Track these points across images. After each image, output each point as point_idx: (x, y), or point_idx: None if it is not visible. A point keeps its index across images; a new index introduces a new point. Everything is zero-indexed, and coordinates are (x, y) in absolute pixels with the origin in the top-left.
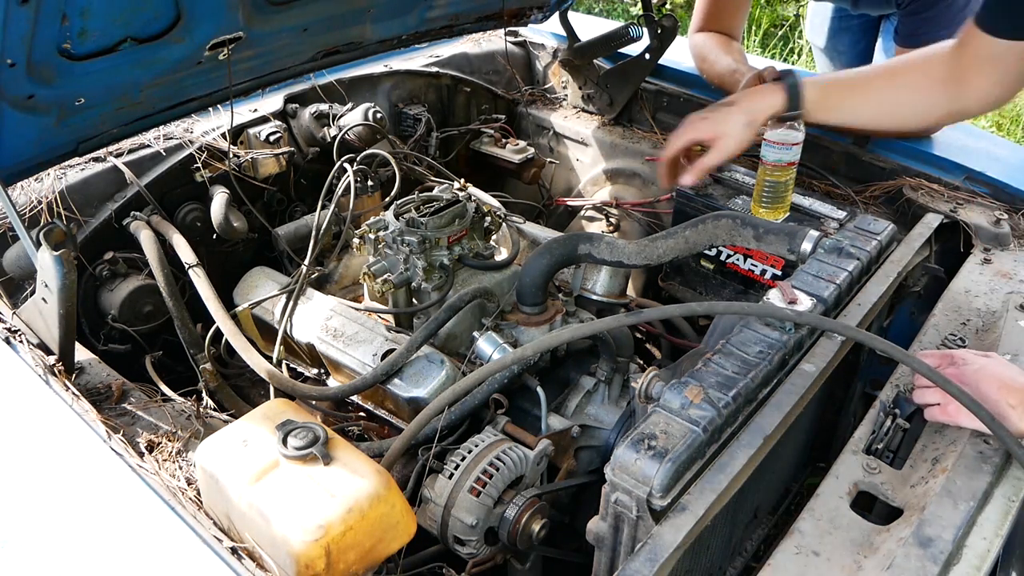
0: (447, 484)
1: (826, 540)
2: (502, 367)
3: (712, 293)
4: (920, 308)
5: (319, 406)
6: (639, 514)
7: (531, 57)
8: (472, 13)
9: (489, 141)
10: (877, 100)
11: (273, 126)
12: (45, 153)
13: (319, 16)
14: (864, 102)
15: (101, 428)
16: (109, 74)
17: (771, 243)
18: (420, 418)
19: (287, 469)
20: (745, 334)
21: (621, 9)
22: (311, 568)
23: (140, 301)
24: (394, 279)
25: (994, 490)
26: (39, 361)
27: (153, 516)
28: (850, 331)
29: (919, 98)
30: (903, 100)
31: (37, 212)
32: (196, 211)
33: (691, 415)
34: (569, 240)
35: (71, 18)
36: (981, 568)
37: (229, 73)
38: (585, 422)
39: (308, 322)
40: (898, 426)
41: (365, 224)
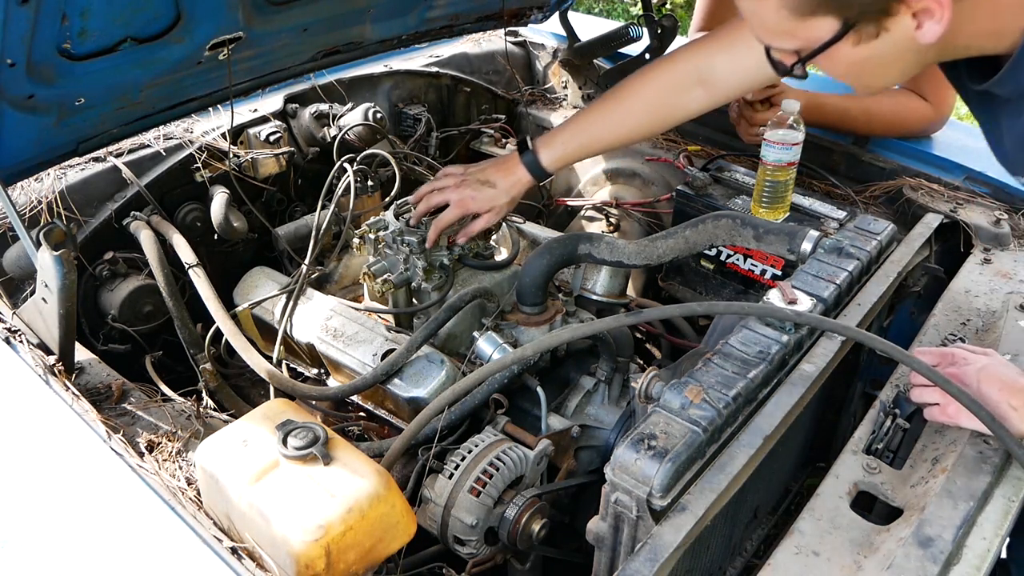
0: (447, 484)
1: (826, 540)
2: (502, 367)
3: (712, 293)
4: (920, 308)
5: (319, 406)
6: (639, 514)
7: (531, 57)
8: (472, 13)
9: (489, 141)
10: (619, 120)
11: (273, 126)
12: (45, 153)
13: (319, 16)
14: (606, 129)
15: (101, 428)
16: (109, 74)
17: (771, 243)
18: (420, 418)
19: (287, 469)
20: (745, 334)
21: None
22: (311, 568)
23: (140, 301)
24: (394, 279)
25: (994, 490)
26: (39, 361)
27: (153, 516)
28: (850, 331)
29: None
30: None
31: (37, 212)
32: (196, 211)
33: (691, 415)
34: (569, 240)
35: (71, 18)
36: (981, 568)
37: (229, 73)
38: (585, 422)
39: (308, 322)
40: (898, 426)
41: (365, 224)
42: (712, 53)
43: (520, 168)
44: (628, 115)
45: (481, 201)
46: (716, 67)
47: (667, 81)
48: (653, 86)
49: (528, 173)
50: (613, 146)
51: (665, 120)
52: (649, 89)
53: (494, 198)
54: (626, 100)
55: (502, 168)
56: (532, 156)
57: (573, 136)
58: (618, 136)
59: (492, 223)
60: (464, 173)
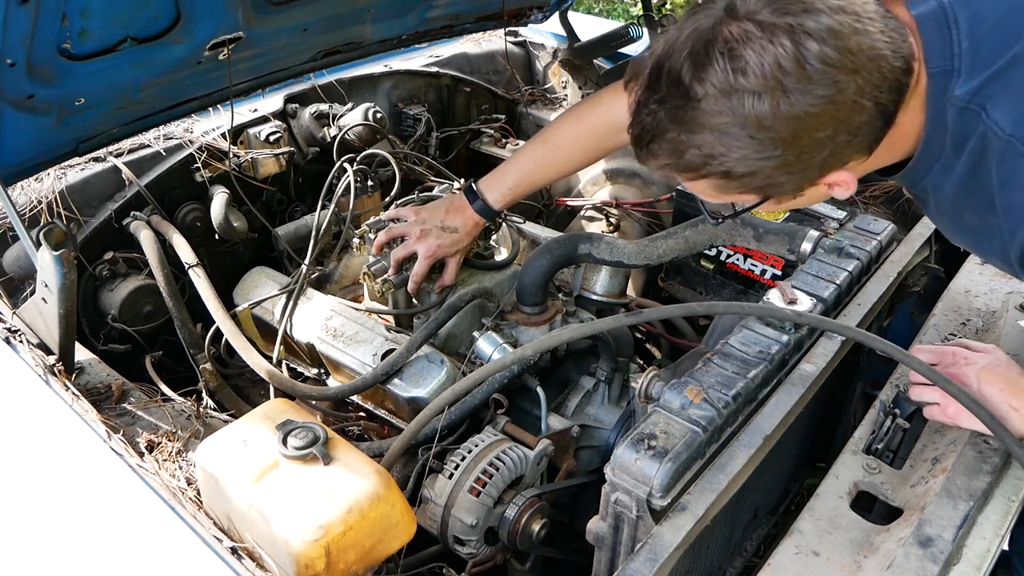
0: (447, 484)
1: (826, 540)
2: (502, 367)
3: (712, 293)
4: (920, 308)
5: (319, 406)
6: (639, 514)
7: (531, 57)
8: (472, 13)
9: (489, 141)
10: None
11: (273, 126)
12: (45, 153)
13: (319, 16)
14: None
15: (101, 428)
16: (109, 74)
17: (771, 243)
18: (420, 418)
19: (287, 469)
20: (745, 334)
21: (621, 9)
22: (311, 568)
23: (140, 301)
24: (394, 279)
25: (994, 490)
26: (39, 361)
27: (153, 516)
28: (850, 331)
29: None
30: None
31: (37, 212)
32: (196, 211)
33: (691, 415)
34: (569, 240)
35: (71, 18)
36: (981, 568)
37: (229, 73)
38: (585, 422)
39: (308, 322)
40: (898, 426)
41: (365, 224)
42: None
43: (472, 212)
44: (567, 159)
45: (447, 248)
46: None
47: (595, 128)
48: (585, 128)
49: (480, 217)
50: (554, 182)
51: (600, 156)
52: (582, 130)
53: (458, 241)
54: (562, 145)
55: (457, 212)
56: (481, 203)
57: (518, 181)
58: (559, 174)
59: (460, 264)
60: (420, 219)
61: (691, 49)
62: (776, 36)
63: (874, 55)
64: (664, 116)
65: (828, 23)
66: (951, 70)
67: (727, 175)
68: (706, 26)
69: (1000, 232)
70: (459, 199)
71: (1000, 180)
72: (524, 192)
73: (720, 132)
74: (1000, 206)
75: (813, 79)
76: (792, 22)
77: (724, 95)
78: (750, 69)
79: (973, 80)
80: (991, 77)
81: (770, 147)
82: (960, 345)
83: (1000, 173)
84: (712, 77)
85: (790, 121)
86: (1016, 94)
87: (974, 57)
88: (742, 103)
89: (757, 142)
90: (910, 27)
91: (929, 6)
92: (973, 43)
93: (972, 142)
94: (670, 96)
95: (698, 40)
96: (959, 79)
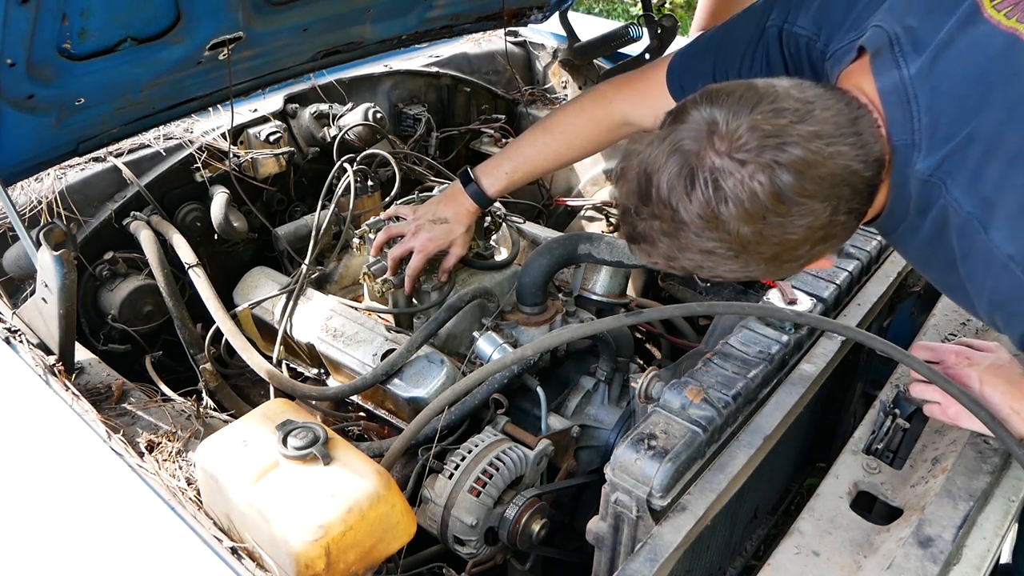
0: (447, 484)
1: (826, 540)
2: (502, 367)
3: (712, 293)
4: (920, 308)
5: (319, 406)
6: (639, 514)
7: (531, 57)
8: (472, 13)
9: (489, 141)
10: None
11: (273, 126)
12: (45, 153)
13: (319, 16)
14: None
15: (101, 428)
16: (109, 74)
17: None
18: (420, 418)
19: (287, 469)
20: (745, 334)
21: (621, 9)
22: (311, 568)
23: (140, 301)
24: (394, 279)
25: (994, 490)
26: (39, 361)
27: (153, 516)
28: (850, 331)
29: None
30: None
31: (37, 212)
32: (196, 211)
33: (691, 415)
34: (569, 240)
35: (71, 18)
36: (981, 568)
37: (229, 73)
38: (585, 422)
39: (308, 322)
40: (898, 426)
41: (365, 224)
42: (634, 104)
43: (465, 198)
44: (568, 146)
45: (439, 240)
46: (638, 117)
47: (597, 119)
48: (585, 120)
49: (473, 203)
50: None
51: (600, 148)
52: (582, 122)
53: (450, 232)
54: (564, 132)
55: (450, 202)
56: (476, 187)
57: (517, 167)
58: (558, 163)
59: (462, 254)
60: (416, 216)
61: (678, 172)
62: (755, 173)
63: (847, 175)
64: (657, 229)
65: (801, 155)
66: (912, 144)
67: (717, 277)
68: (691, 149)
69: (964, 290)
70: (454, 186)
71: (961, 252)
72: (522, 179)
73: (707, 252)
74: (963, 273)
75: (791, 211)
76: (767, 159)
77: (709, 222)
78: (731, 201)
79: (932, 156)
80: (949, 154)
81: (753, 263)
82: (963, 344)
83: (960, 246)
84: (697, 206)
85: (771, 245)
86: (972, 173)
87: (933, 132)
88: (726, 230)
89: (741, 260)
90: (874, 101)
91: (891, 79)
92: (931, 118)
93: (934, 211)
94: (661, 215)
95: (684, 165)
96: (920, 153)
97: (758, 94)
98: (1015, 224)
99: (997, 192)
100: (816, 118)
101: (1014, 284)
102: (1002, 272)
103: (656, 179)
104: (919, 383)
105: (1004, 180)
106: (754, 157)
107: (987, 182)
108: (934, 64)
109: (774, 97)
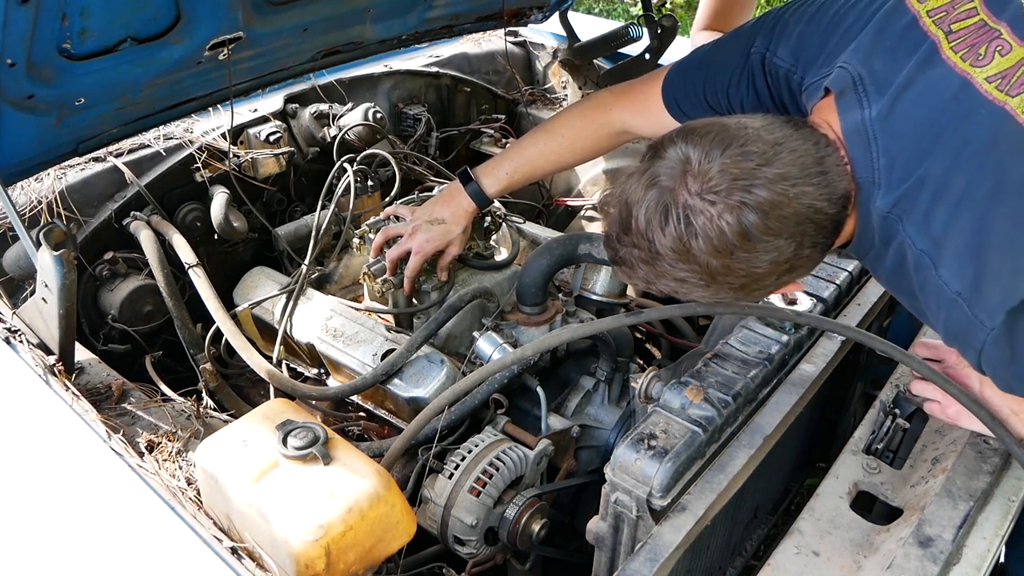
0: (447, 484)
1: (826, 540)
2: (502, 367)
3: None
4: None
5: (319, 406)
6: (639, 514)
7: (531, 57)
8: (472, 13)
9: (489, 141)
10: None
11: (273, 126)
12: (45, 153)
13: (319, 16)
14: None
15: (101, 428)
16: (109, 74)
17: None
18: (420, 418)
19: (287, 469)
20: (745, 334)
21: (621, 9)
22: (311, 568)
23: (140, 301)
24: (394, 279)
25: (994, 490)
26: (39, 361)
27: (153, 516)
28: (850, 331)
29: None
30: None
31: (37, 212)
32: (196, 211)
33: (691, 415)
34: (569, 240)
35: (71, 18)
36: (981, 568)
37: (229, 73)
38: (585, 422)
39: (308, 322)
40: (898, 426)
41: (365, 224)
42: (632, 114)
43: (464, 197)
44: (569, 150)
45: (436, 240)
46: (636, 126)
47: (597, 125)
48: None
49: (472, 202)
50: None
51: (601, 152)
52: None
53: (447, 232)
54: (566, 136)
55: (448, 202)
56: (476, 186)
57: (517, 168)
58: (558, 166)
59: (458, 253)
60: (414, 216)
61: (654, 207)
62: (723, 213)
63: (812, 212)
64: (636, 257)
65: (766, 196)
66: (873, 182)
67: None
68: (667, 186)
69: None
70: (453, 186)
71: (918, 284)
72: (521, 180)
73: (681, 280)
74: (922, 302)
75: (757, 247)
76: (734, 201)
77: (681, 255)
78: (701, 237)
79: (890, 195)
80: (903, 195)
81: (724, 291)
82: None
83: (917, 279)
84: (670, 240)
85: (739, 276)
86: (923, 214)
87: (890, 173)
88: (697, 262)
89: (713, 288)
90: (840, 139)
91: (854, 120)
92: (889, 159)
93: (894, 244)
94: (639, 244)
95: (660, 200)
96: (879, 191)
97: (730, 135)
98: (961, 262)
99: (944, 233)
100: (783, 160)
101: (963, 318)
102: (952, 307)
103: (635, 211)
104: (919, 381)
105: (950, 222)
106: (723, 198)
107: (936, 223)
108: (894, 106)
109: (744, 140)
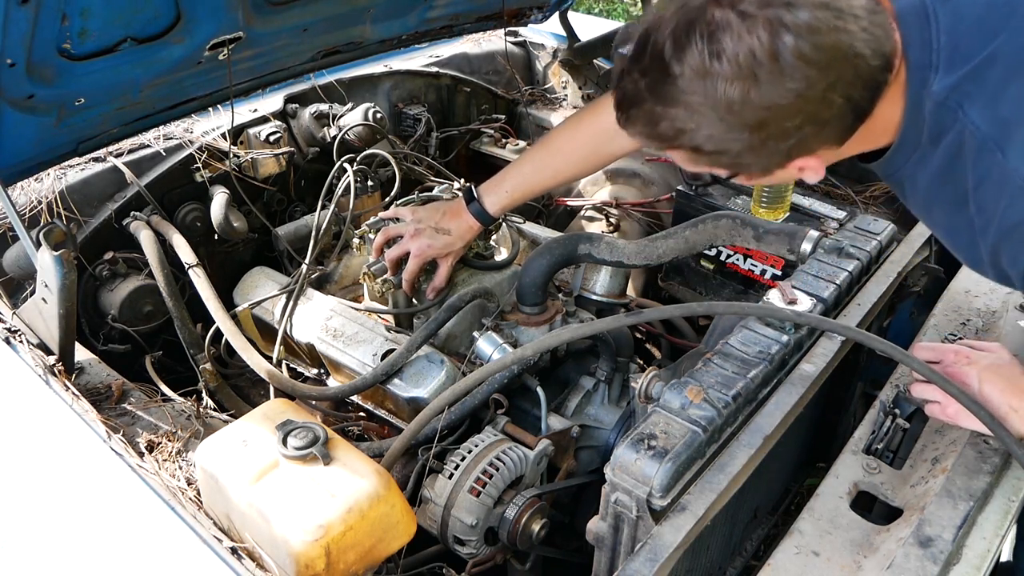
0: (447, 484)
1: (826, 540)
2: (502, 367)
3: (712, 293)
4: (920, 308)
5: (319, 406)
6: (639, 514)
7: (531, 57)
8: (472, 13)
9: (489, 141)
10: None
11: (273, 126)
12: (45, 153)
13: (319, 16)
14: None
15: (101, 428)
16: (109, 74)
17: (771, 243)
18: (420, 418)
19: (287, 469)
20: (745, 334)
21: (621, 9)
22: (311, 568)
23: (140, 301)
24: (394, 279)
25: (994, 490)
26: (39, 361)
27: (153, 516)
28: (850, 331)
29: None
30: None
31: (37, 212)
32: (196, 211)
33: (691, 415)
34: (569, 240)
35: (71, 18)
36: (981, 568)
37: (229, 73)
38: (585, 422)
39: (308, 322)
40: (898, 426)
41: (365, 224)
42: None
43: (468, 215)
44: (565, 163)
45: (438, 248)
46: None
47: (595, 131)
48: (584, 134)
49: (476, 221)
50: (552, 189)
51: (599, 163)
52: (581, 136)
53: (450, 244)
54: (562, 150)
55: (454, 216)
56: (478, 205)
57: (516, 186)
58: (557, 181)
59: (452, 267)
60: (416, 218)
61: (675, 27)
62: (754, 27)
63: (851, 53)
64: (644, 87)
65: (807, 19)
66: (929, 65)
67: (697, 150)
68: (693, 5)
69: (971, 228)
70: (457, 202)
71: (975, 178)
72: (522, 197)
73: (692, 110)
74: (974, 203)
75: (785, 72)
76: (771, 15)
77: (699, 76)
78: (725, 56)
79: (950, 76)
80: (968, 75)
81: (736, 130)
82: (964, 344)
83: (975, 172)
84: (690, 58)
85: (758, 109)
86: (991, 93)
87: (952, 53)
88: (715, 86)
89: (725, 124)
90: (891, 19)
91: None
92: (951, 39)
93: (949, 137)
94: (651, 69)
95: (683, 19)
96: (937, 74)
97: None
98: None
99: (1017, 113)
100: None
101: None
102: (1017, 195)
103: (654, 35)
104: (919, 383)
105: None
106: (759, 9)
107: (1007, 103)
108: None
109: None
